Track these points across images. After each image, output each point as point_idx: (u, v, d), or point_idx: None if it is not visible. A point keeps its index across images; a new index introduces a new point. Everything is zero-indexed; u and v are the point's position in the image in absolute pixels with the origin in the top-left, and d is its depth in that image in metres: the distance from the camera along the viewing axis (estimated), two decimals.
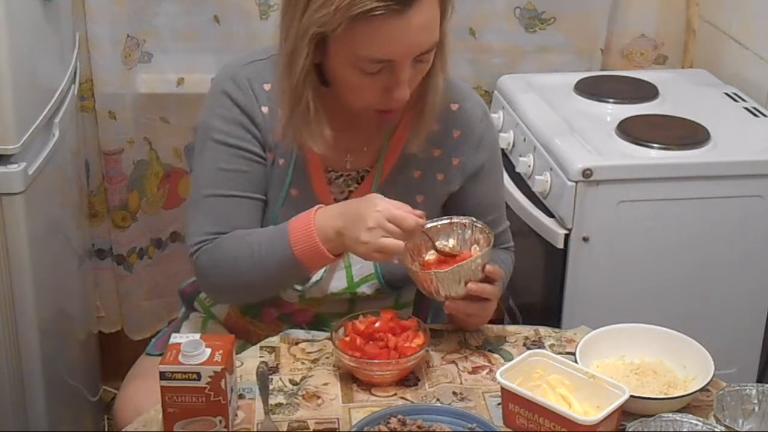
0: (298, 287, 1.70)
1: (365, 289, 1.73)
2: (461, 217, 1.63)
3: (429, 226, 1.61)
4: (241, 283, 1.65)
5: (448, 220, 1.63)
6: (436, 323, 1.73)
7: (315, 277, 1.69)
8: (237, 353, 1.67)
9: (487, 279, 1.58)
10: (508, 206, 2.29)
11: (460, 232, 1.62)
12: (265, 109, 1.66)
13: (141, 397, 1.67)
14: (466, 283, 1.55)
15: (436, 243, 1.61)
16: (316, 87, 1.58)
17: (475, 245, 1.60)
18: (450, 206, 1.76)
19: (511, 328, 1.71)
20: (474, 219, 1.62)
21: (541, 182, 2.15)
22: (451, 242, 1.62)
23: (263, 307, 1.77)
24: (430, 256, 1.61)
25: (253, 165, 1.67)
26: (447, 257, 1.59)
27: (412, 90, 1.57)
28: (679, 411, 1.41)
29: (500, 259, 1.74)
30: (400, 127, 1.70)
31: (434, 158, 1.72)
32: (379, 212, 1.51)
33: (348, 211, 1.55)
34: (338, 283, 1.71)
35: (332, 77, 1.58)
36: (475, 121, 1.73)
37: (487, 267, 1.57)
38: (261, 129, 1.67)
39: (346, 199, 1.70)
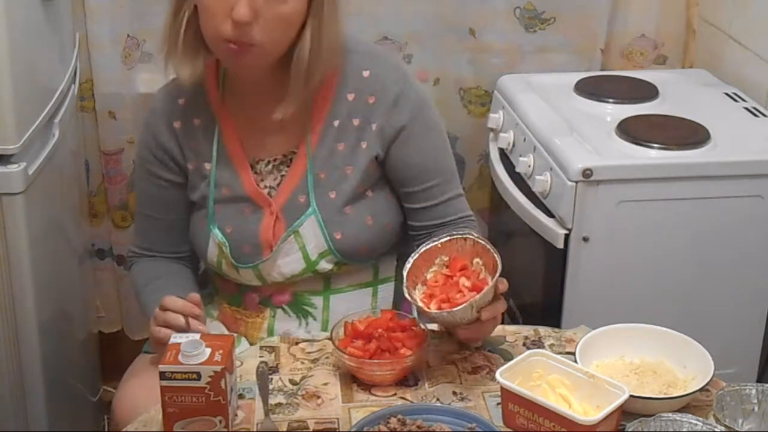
0: (248, 264, 1.74)
1: (324, 265, 1.74)
2: (460, 233, 1.60)
3: (428, 247, 1.59)
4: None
5: (448, 238, 1.59)
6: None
7: (265, 257, 1.74)
8: None
9: (495, 297, 1.53)
10: (508, 206, 2.30)
11: (459, 246, 1.59)
12: (177, 124, 1.77)
13: (138, 394, 1.67)
14: (479, 311, 1.51)
15: (436, 260, 1.59)
16: (192, 23, 1.64)
17: (477, 258, 1.57)
18: (388, 176, 1.76)
19: (511, 328, 1.71)
20: (475, 235, 1.58)
21: (541, 182, 2.15)
22: (452, 257, 1.58)
23: (244, 293, 1.81)
24: (431, 274, 1.58)
25: (159, 189, 1.82)
26: (449, 275, 1.56)
27: (268, 32, 1.59)
28: (679, 411, 1.41)
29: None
30: (317, 102, 1.72)
31: (355, 127, 1.73)
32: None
33: None
34: (296, 265, 1.74)
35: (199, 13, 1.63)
36: (389, 83, 1.73)
37: (499, 288, 1.52)
38: (169, 150, 1.78)
39: (279, 185, 1.75)
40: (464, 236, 1.58)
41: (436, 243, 1.59)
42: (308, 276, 1.75)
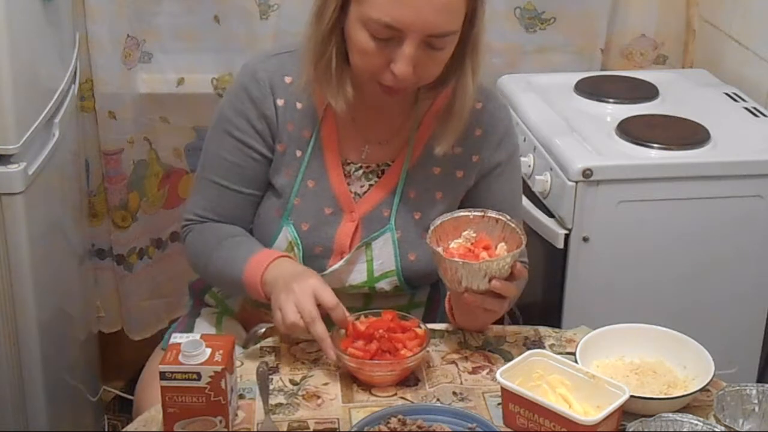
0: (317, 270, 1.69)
1: (384, 285, 1.73)
2: (495, 212, 1.60)
3: (461, 215, 1.60)
4: (203, 272, 1.78)
5: (482, 213, 1.59)
6: (444, 324, 1.72)
7: (333, 267, 1.71)
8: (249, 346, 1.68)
9: (511, 276, 1.55)
10: None
11: (490, 226, 1.59)
12: (280, 102, 1.70)
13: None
14: (490, 280, 1.52)
15: (463, 233, 1.58)
16: (340, 47, 1.60)
17: (502, 243, 1.57)
18: (466, 205, 1.74)
19: (511, 328, 1.71)
20: (508, 217, 1.59)
21: (541, 182, 2.15)
22: (480, 235, 1.59)
23: None
24: (455, 244, 1.58)
25: (249, 161, 1.72)
26: (471, 249, 1.57)
27: (422, 76, 1.58)
28: (679, 411, 1.41)
29: None
30: (425, 123, 1.72)
31: (455, 156, 1.73)
32: (309, 285, 1.54)
33: (292, 272, 1.60)
34: (358, 276, 1.72)
35: (348, 40, 1.59)
36: (498, 120, 1.75)
37: (517, 266, 1.54)
38: (270, 123, 1.71)
39: (365, 193, 1.72)
40: (497, 217, 1.59)
41: (468, 214, 1.60)
42: (361, 292, 1.73)
